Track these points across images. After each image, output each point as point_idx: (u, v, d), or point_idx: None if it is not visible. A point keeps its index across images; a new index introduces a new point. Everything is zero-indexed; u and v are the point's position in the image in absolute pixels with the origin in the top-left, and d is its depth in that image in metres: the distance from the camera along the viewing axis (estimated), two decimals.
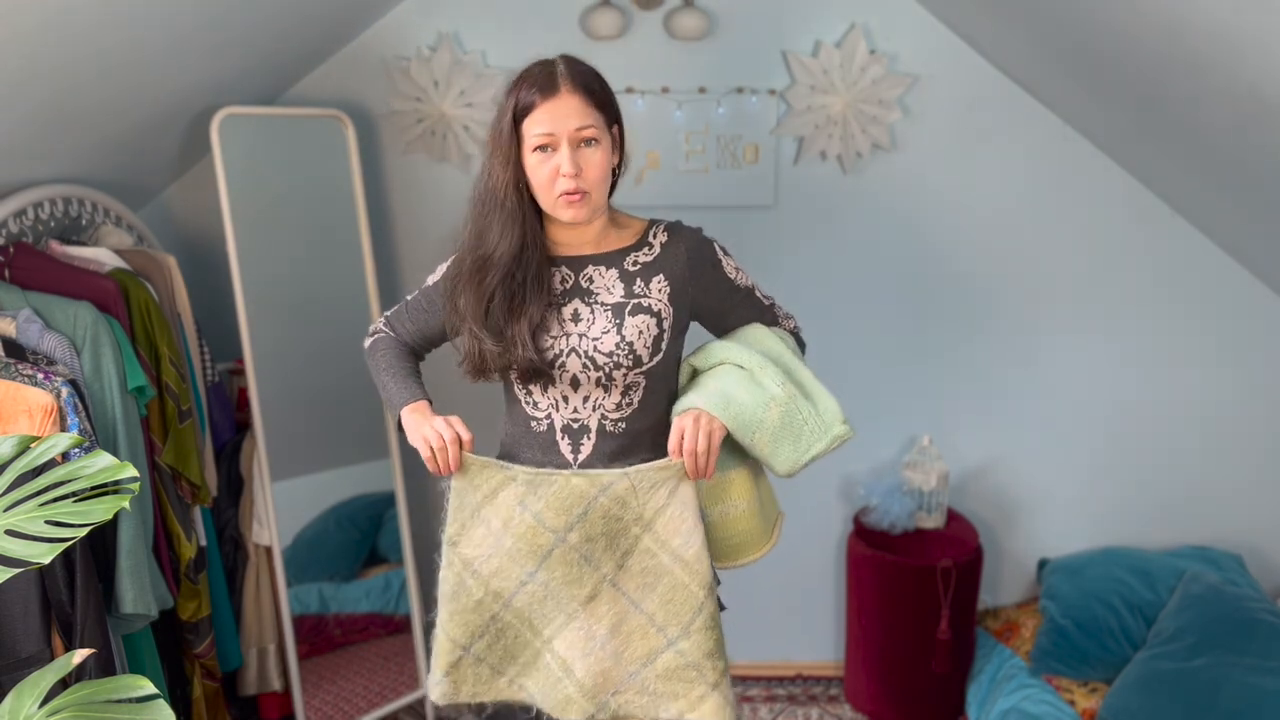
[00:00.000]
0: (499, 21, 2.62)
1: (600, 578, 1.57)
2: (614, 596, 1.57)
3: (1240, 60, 1.69)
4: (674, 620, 1.55)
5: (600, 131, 1.47)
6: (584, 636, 1.58)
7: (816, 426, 1.52)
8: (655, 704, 1.58)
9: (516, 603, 1.59)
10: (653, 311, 1.54)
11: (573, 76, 1.46)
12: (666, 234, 1.59)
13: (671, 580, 1.54)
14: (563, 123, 1.44)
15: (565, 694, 1.59)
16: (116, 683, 1.07)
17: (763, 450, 1.55)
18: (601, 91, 1.50)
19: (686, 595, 1.54)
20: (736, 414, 1.51)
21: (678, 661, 1.55)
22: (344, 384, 2.62)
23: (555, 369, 1.54)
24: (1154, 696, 2.28)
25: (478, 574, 1.59)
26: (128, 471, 1.14)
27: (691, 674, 1.55)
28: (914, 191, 2.70)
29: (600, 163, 1.48)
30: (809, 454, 1.53)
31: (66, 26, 1.64)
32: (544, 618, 1.59)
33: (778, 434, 1.52)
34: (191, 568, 2.18)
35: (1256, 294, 2.71)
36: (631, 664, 1.57)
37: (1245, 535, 2.85)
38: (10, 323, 1.87)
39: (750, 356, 1.56)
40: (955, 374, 2.82)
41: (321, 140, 2.53)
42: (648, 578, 1.56)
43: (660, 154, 2.66)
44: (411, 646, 2.72)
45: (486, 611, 1.60)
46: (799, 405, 1.52)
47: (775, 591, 2.95)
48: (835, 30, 2.58)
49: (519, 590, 1.58)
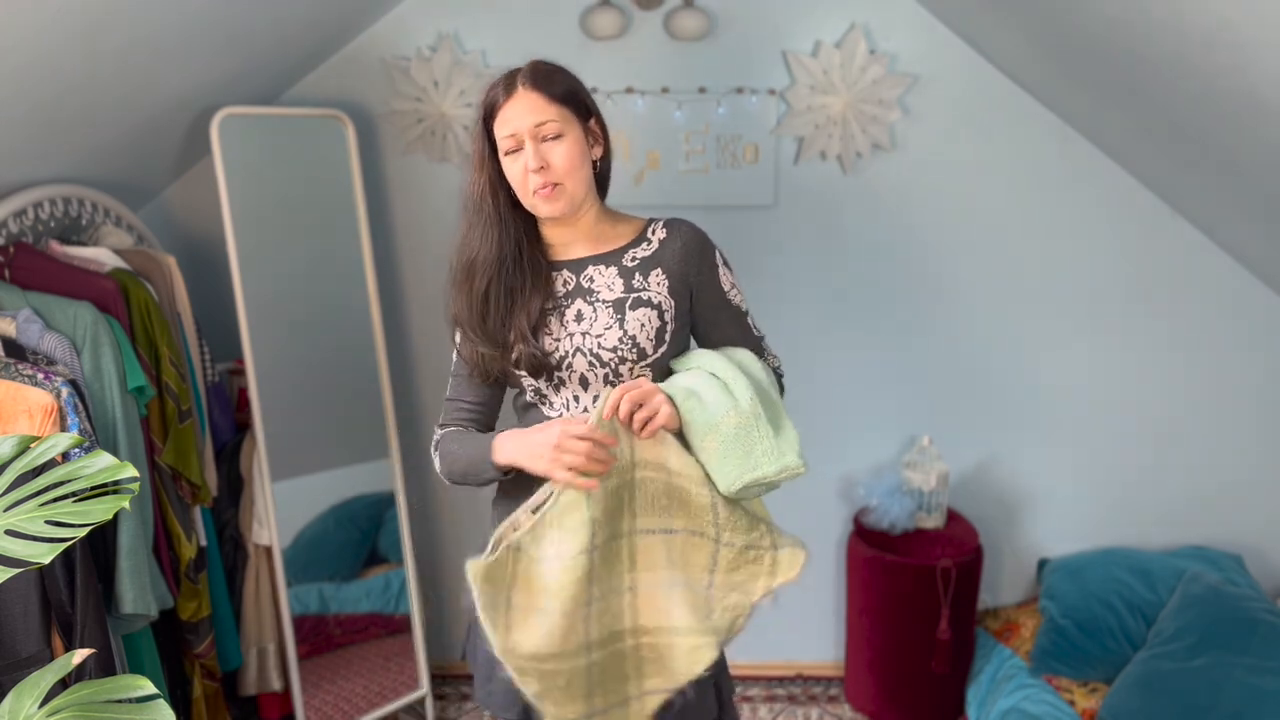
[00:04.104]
0: (499, 21, 2.62)
1: (627, 538, 1.51)
2: (647, 541, 1.52)
3: (1240, 60, 1.69)
4: (703, 522, 1.52)
5: (564, 125, 1.49)
6: (652, 592, 1.51)
7: (770, 449, 1.47)
8: (744, 594, 1.56)
9: (594, 635, 1.50)
10: (653, 304, 1.55)
11: (532, 76, 1.49)
12: (665, 229, 1.60)
13: (680, 491, 1.51)
14: (522, 120, 1.48)
15: (687, 648, 1.51)
16: (116, 683, 1.07)
17: (710, 457, 1.50)
18: (564, 86, 1.51)
19: (696, 499, 1.51)
20: (695, 410, 1.48)
21: (731, 553, 1.54)
22: (344, 384, 2.62)
23: (563, 369, 1.54)
24: (1154, 696, 2.28)
25: (551, 655, 1.46)
26: (128, 471, 1.14)
27: (750, 554, 1.54)
28: (914, 191, 2.70)
29: (568, 154, 1.49)
30: (754, 474, 1.47)
31: (67, 27, 1.64)
32: (617, 618, 1.52)
33: (729, 444, 1.47)
34: (191, 568, 2.18)
35: (1256, 294, 2.71)
36: (701, 578, 1.54)
37: (1245, 535, 2.85)
38: (10, 323, 1.87)
39: (728, 368, 1.54)
40: (955, 374, 2.82)
41: (321, 140, 2.53)
42: (660, 501, 1.51)
43: (660, 154, 2.66)
44: (411, 646, 2.72)
45: (580, 675, 1.49)
46: (760, 424, 1.47)
47: (775, 591, 2.95)
48: (835, 30, 2.58)
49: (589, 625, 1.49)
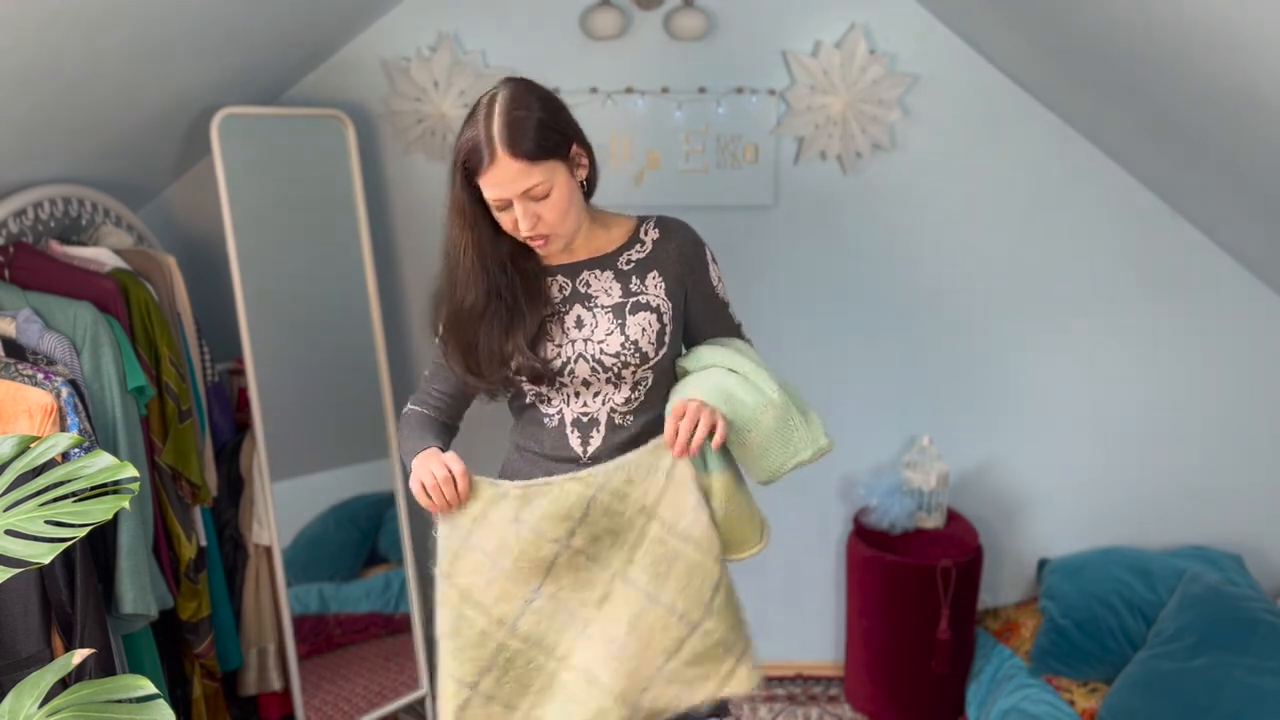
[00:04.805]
0: (499, 21, 2.62)
1: (610, 576, 1.53)
2: (627, 593, 1.53)
3: (1241, 60, 1.69)
4: (696, 604, 1.51)
5: (550, 178, 1.44)
6: (603, 640, 1.53)
7: (805, 435, 1.54)
8: (688, 691, 1.53)
9: (523, 626, 1.53)
10: (652, 307, 1.55)
11: (507, 139, 1.40)
12: (658, 230, 1.59)
13: (686, 562, 1.51)
14: (507, 188, 1.43)
15: (597, 705, 1.53)
16: (116, 683, 1.07)
17: (752, 451, 1.55)
18: (540, 139, 1.42)
19: (704, 574, 1.51)
20: (737, 410, 1.52)
21: (705, 643, 1.52)
22: (344, 384, 2.62)
23: (565, 375, 1.54)
24: (1154, 696, 2.28)
25: (478, 603, 1.53)
26: (128, 471, 1.14)
27: (719, 651, 1.52)
28: (914, 191, 2.70)
29: (558, 204, 1.45)
30: (794, 460, 1.54)
31: (67, 27, 1.64)
32: (556, 633, 1.54)
33: (770, 436, 1.53)
34: (191, 568, 2.18)
35: (1256, 294, 2.71)
36: (657, 658, 1.52)
37: (1245, 535, 2.85)
38: (10, 323, 1.87)
39: (742, 362, 1.57)
40: (955, 374, 2.82)
41: (321, 140, 2.53)
42: (661, 566, 1.51)
43: (660, 154, 2.66)
44: (411, 646, 2.72)
45: (491, 642, 1.53)
46: (793, 413, 1.54)
47: (775, 591, 2.95)
48: (835, 30, 2.58)
49: (524, 611, 1.53)
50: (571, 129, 1.49)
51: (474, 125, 1.44)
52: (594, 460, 1.56)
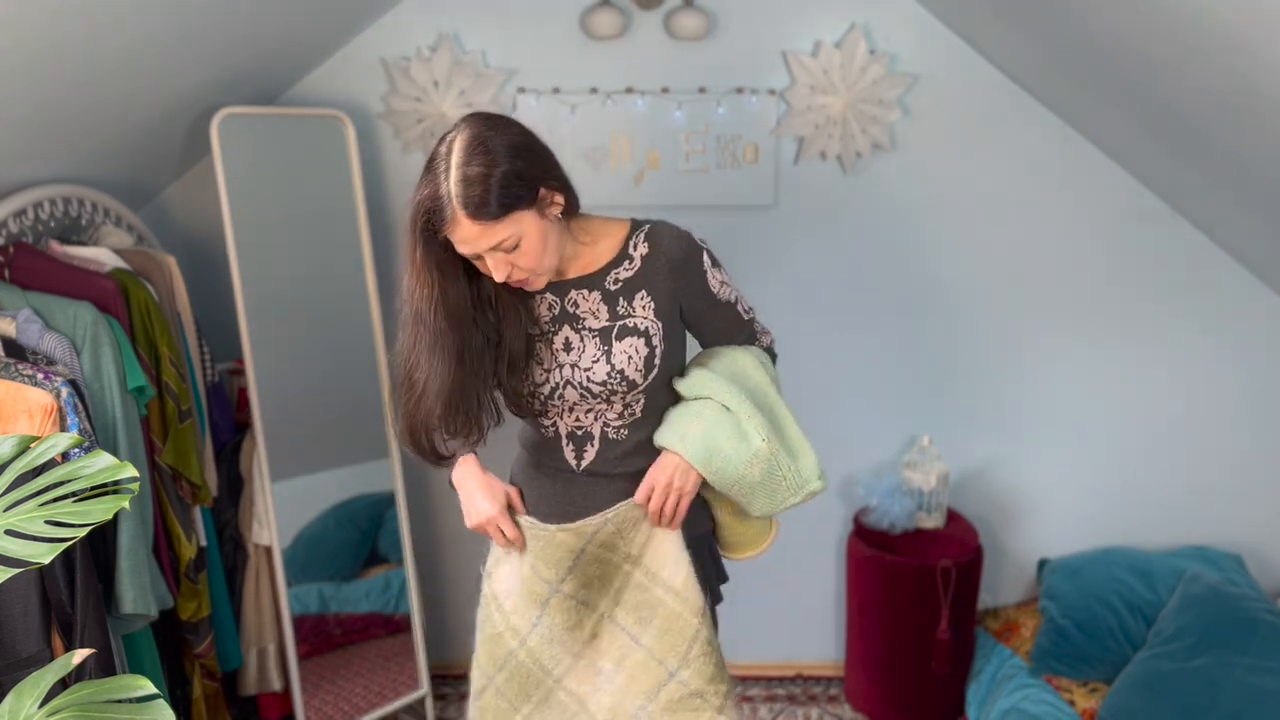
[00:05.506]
0: (499, 21, 2.62)
1: (599, 617, 1.61)
2: (614, 633, 1.61)
3: (1241, 60, 1.69)
4: (672, 651, 1.56)
5: (518, 229, 1.36)
6: (593, 672, 1.62)
7: (794, 482, 1.51)
8: None
9: (531, 641, 1.62)
10: (639, 331, 1.50)
11: (463, 201, 1.32)
12: (647, 244, 1.50)
13: (665, 611, 1.56)
14: (474, 245, 1.37)
15: None
16: (116, 683, 1.07)
17: (738, 498, 1.55)
18: (501, 196, 1.33)
19: (681, 625, 1.55)
20: (719, 468, 1.50)
21: (681, 691, 1.55)
22: (344, 384, 2.62)
23: (555, 399, 1.54)
24: (1154, 696, 2.28)
25: (501, 608, 1.64)
26: (127, 471, 1.13)
27: (695, 702, 1.56)
28: (914, 191, 2.70)
29: (531, 251, 1.39)
30: (781, 506, 1.54)
31: (67, 27, 1.64)
32: (553, 659, 1.63)
33: (755, 488, 1.52)
34: (191, 568, 2.18)
35: (1257, 294, 2.71)
36: (638, 698, 1.58)
37: (1245, 535, 2.85)
38: (10, 323, 1.87)
39: (737, 399, 1.51)
40: (955, 374, 2.82)
41: (321, 140, 2.53)
42: (642, 611, 1.58)
43: (660, 154, 2.66)
44: (411, 646, 2.72)
45: (505, 646, 1.64)
46: (780, 461, 1.50)
47: (775, 591, 2.95)
48: (835, 30, 2.58)
49: (532, 630, 1.62)
50: (537, 171, 1.38)
51: (432, 179, 1.35)
52: (588, 474, 1.57)
